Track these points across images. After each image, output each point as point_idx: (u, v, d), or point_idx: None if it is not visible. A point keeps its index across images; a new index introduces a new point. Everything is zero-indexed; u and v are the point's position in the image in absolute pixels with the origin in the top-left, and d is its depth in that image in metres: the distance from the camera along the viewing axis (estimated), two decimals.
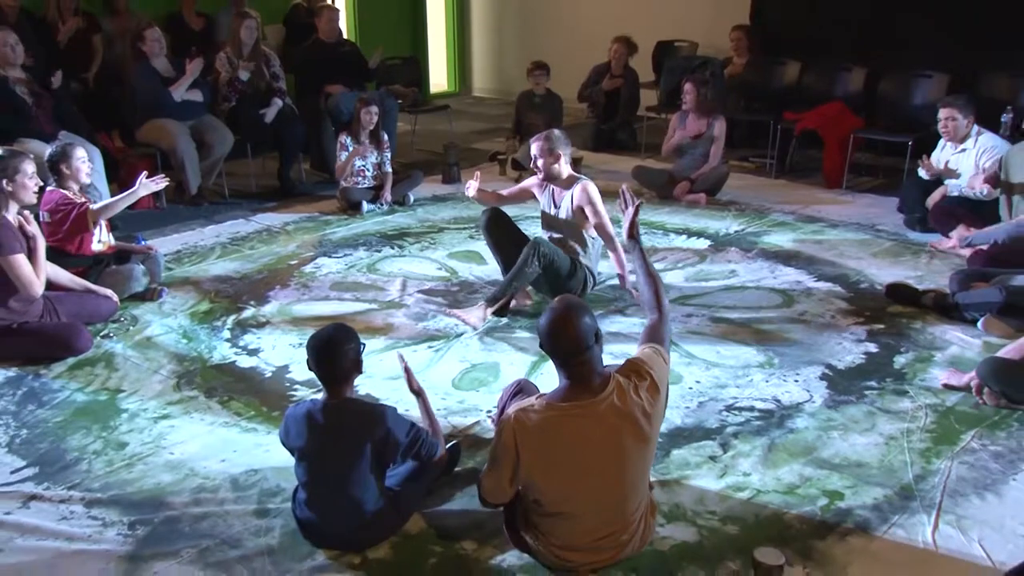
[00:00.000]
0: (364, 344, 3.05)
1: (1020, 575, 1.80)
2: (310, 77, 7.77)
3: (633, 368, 2.77)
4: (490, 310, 4.70)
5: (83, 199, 4.87)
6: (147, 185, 4.91)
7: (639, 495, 2.80)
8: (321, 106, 7.58)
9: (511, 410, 2.82)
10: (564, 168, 4.82)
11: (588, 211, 4.74)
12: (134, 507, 3.19)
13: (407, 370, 3.38)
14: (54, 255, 4.57)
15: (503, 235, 4.98)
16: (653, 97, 8.86)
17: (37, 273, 4.27)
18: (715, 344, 4.49)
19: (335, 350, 2.94)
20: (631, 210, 3.42)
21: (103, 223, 4.98)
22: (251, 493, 3.26)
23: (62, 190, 4.81)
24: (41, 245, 4.33)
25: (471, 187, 4.95)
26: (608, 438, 2.67)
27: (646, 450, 2.75)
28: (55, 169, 4.81)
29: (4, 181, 4.20)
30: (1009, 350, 3.88)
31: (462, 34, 11.91)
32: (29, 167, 4.30)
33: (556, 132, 4.86)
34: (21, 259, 4.20)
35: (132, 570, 2.87)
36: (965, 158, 5.75)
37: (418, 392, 3.36)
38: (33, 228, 4.32)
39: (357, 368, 3.00)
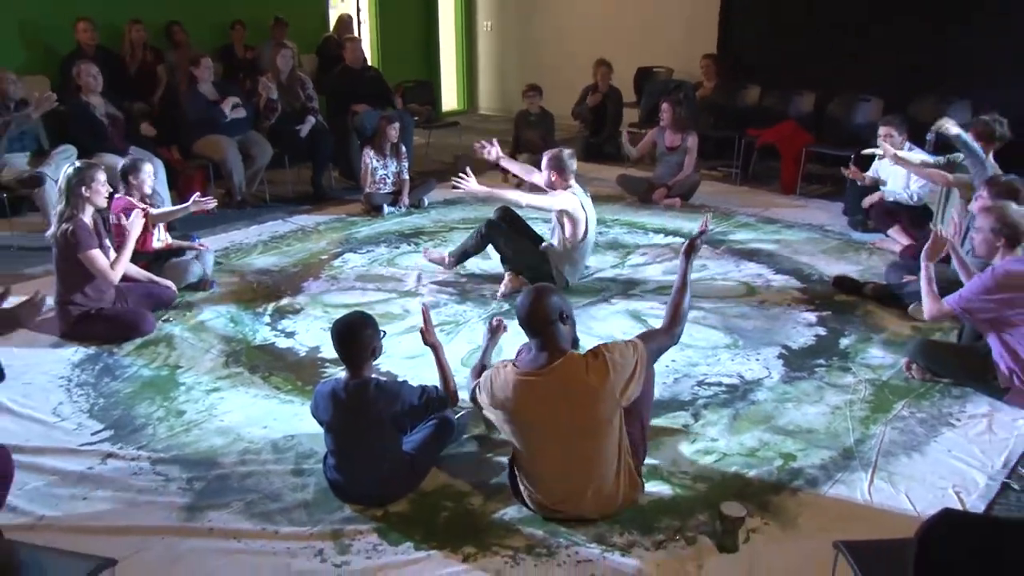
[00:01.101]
0: (384, 332, 3.02)
1: (938, 524, 1.82)
2: (339, 98, 7.77)
3: (593, 351, 2.75)
4: (450, 260, 5.15)
5: (144, 205, 4.89)
6: (198, 203, 4.90)
7: (603, 461, 2.77)
8: (348, 123, 7.57)
9: (497, 363, 2.87)
10: (562, 183, 4.84)
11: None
12: (191, 465, 3.21)
13: (426, 323, 3.32)
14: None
15: (508, 232, 5.07)
16: (635, 115, 8.84)
17: (115, 265, 4.31)
18: (688, 328, 4.45)
19: (355, 334, 2.92)
20: (697, 231, 3.29)
21: (161, 225, 5.01)
22: (289, 455, 3.28)
23: (128, 197, 4.84)
24: (130, 239, 4.40)
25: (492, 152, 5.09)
26: (557, 404, 2.69)
27: (597, 423, 2.71)
28: (125, 180, 4.86)
29: (83, 188, 4.22)
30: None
31: (470, 60, 11.88)
32: (102, 176, 4.33)
33: (566, 153, 4.85)
34: (97, 254, 4.23)
35: (190, 518, 2.89)
36: (898, 168, 5.76)
37: (433, 345, 3.29)
38: (130, 224, 4.41)
39: (375, 351, 2.97)
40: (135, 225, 4.42)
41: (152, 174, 4.98)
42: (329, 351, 4.10)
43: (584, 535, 2.78)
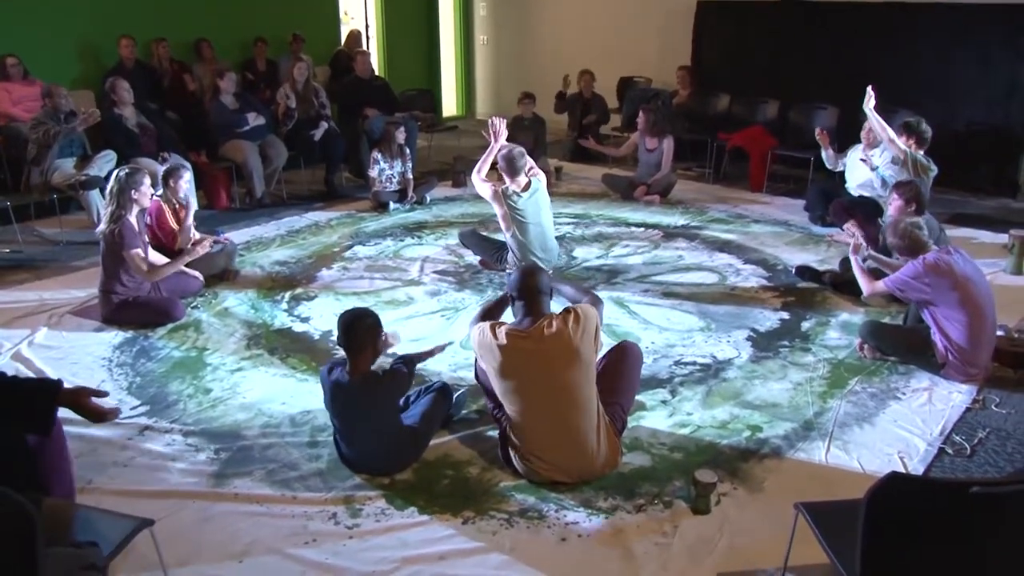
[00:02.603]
0: (385, 335, 2.98)
1: (884, 486, 1.85)
2: (349, 106, 7.74)
3: (566, 310, 2.88)
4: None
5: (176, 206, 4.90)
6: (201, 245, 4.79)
7: (584, 416, 2.82)
8: (359, 128, 7.54)
9: (494, 323, 2.91)
10: (509, 179, 4.95)
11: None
12: (218, 437, 3.23)
13: (432, 353, 3.34)
14: (157, 248, 4.63)
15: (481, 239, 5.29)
16: (618, 120, 8.83)
17: (160, 269, 4.37)
18: (666, 312, 4.52)
19: (355, 326, 2.88)
20: None
21: (189, 224, 4.99)
22: (305, 428, 3.30)
23: (162, 201, 4.83)
24: (187, 258, 4.46)
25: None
26: (541, 359, 2.77)
27: (579, 368, 2.79)
28: (165, 182, 4.88)
29: (132, 191, 4.25)
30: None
31: (468, 70, 11.83)
32: (147, 180, 4.38)
33: (516, 152, 4.94)
34: (138, 253, 4.26)
35: (218, 484, 2.91)
36: (872, 158, 5.80)
37: (429, 354, 3.32)
38: (194, 251, 4.48)
39: (374, 348, 2.92)
40: (197, 252, 4.49)
41: (188, 180, 4.99)
42: None
43: (572, 500, 2.80)
